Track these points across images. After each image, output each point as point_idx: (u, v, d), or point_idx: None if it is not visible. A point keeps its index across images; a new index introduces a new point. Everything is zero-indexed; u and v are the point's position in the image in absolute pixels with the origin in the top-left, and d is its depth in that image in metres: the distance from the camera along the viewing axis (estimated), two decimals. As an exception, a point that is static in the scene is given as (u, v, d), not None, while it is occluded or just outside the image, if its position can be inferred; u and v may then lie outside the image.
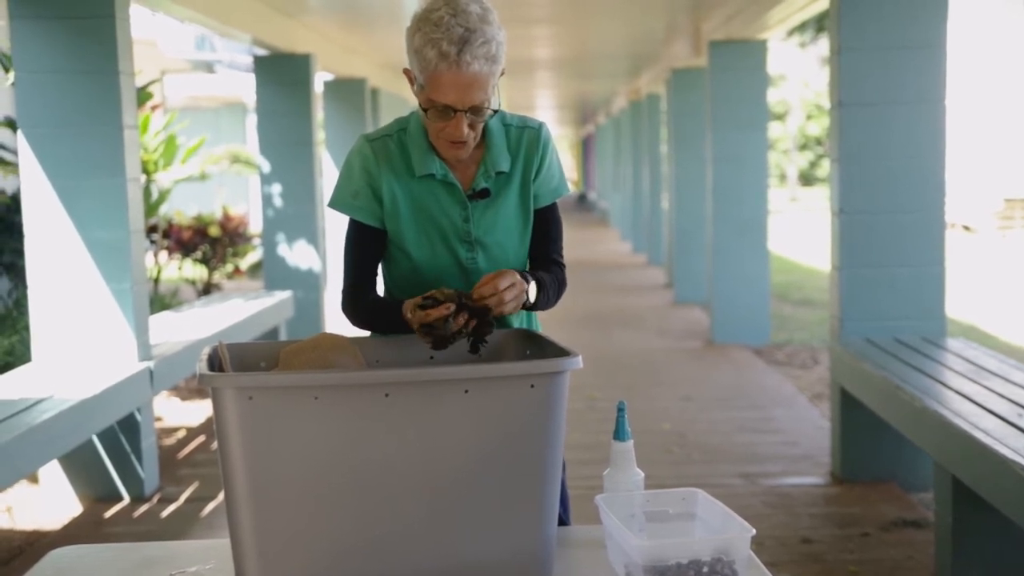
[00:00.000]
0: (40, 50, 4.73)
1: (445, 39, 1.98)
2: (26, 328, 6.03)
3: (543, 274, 2.20)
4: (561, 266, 2.30)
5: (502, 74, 2.08)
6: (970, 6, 18.32)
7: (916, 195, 4.92)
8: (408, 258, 2.20)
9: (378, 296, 2.23)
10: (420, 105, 2.09)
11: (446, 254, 2.20)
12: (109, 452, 4.82)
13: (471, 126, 2.08)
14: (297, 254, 8.51)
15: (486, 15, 2.03)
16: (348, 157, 2.22)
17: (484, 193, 2.19)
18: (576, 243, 17.85)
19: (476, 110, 2.06)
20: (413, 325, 2.01)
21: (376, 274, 2.25)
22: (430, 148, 2.17)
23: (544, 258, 2.27)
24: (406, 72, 2.12)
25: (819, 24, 26.79)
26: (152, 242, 8.94)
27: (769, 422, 6.00)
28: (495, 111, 2.12)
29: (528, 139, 2.22)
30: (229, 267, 9.87)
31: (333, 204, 2.22)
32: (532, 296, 2.10)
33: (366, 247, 2.22)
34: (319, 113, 9.96)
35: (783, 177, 38.58)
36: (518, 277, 2.04)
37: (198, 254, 9.63)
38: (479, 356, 2.06)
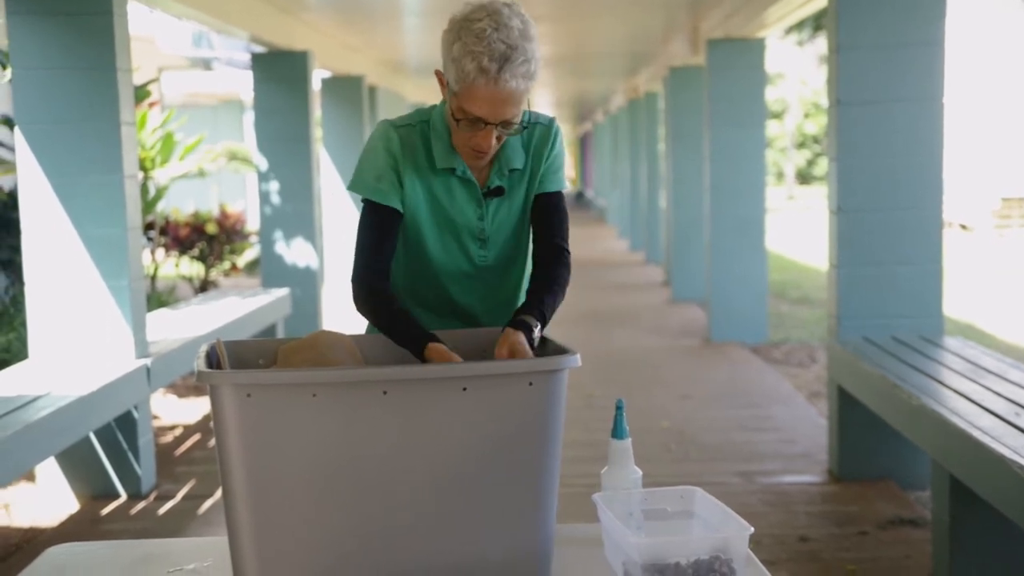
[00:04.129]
0: (38, 46, 4.72)
1: (486, 54, 1.97)
2: (23, 325, 6.03)
3: (544, 297, 2.12)
4: (565, 251, 2.25)
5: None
6: (969, 4, 18.32)
7: (914, 193, 4.92)
8: (419, 249, 2.21)
9: (395, 298, 2.14)
10: (451, 112, 2.08)
11: (458, 250, 2.21)
12: (106, 449, 4.81)
13: (497, 138, 2.09)
14: (295, 251, 8.50)
15: (527, 30, 2.03)
16: (370, 142, 2.20)
17: (499, 191, 2.21)
18: (573, 241, 17.65)
19: (506, 124, 2.07)
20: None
21: (391, 261, 2.18)
22: (452, 144, 2.16)
23: (547, 243, 2.23)
24: (438, 74, 2.11)
25: (817, 22, 26.81)
26: (149, 239, 8.93)
27: (767, 420, 6.00)
28: (524, 126, 2.12)
29: (539, 134, 2.24)
30: (226, 264, 9.87)
31: (353, 187, 2.18)
32: (538, 334, 2.05)
33: (384, 231, 2.16)
34: (317, 110, 9.95)
35: (781, 175, 38.58)
36: (524, 340, 1.99)
37: (195, 251, 9.63)
38: (483, 353, 2.06)
